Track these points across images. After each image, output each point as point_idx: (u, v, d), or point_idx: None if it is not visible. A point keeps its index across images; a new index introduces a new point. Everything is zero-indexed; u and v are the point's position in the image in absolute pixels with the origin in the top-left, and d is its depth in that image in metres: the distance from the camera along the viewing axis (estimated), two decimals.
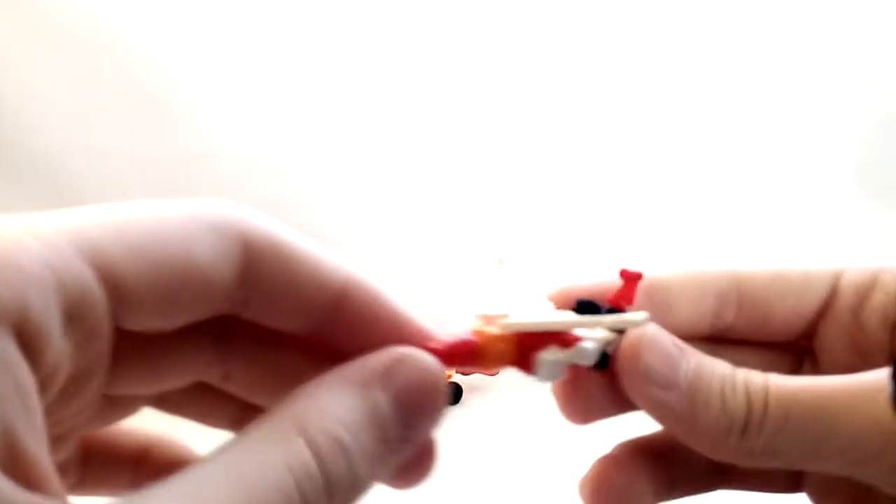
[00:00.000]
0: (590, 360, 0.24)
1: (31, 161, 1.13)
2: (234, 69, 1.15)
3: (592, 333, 0.24)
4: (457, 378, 0.91)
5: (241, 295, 0.20)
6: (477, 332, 0.25)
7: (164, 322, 0.19)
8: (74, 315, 0.17)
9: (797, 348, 0.28)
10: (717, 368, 0.23)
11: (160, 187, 1.15)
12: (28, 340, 0.15)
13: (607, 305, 0.24)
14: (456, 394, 0.89)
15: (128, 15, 1.12)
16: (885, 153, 1.18)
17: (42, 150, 1.12)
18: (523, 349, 0.24)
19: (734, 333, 0.27)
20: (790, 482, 0.28)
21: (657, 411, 0.24)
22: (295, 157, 1.16)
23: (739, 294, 0.27)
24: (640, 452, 0.27)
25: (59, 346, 0.16)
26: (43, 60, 1.12)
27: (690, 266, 0.27)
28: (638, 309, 0.24)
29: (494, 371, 0.90)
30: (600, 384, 0.25)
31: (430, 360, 0.22)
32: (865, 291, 0.26)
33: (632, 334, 0.24)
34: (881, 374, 0.22)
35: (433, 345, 0.24)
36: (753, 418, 0.22)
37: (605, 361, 0.24)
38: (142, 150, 1.14)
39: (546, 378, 0.24)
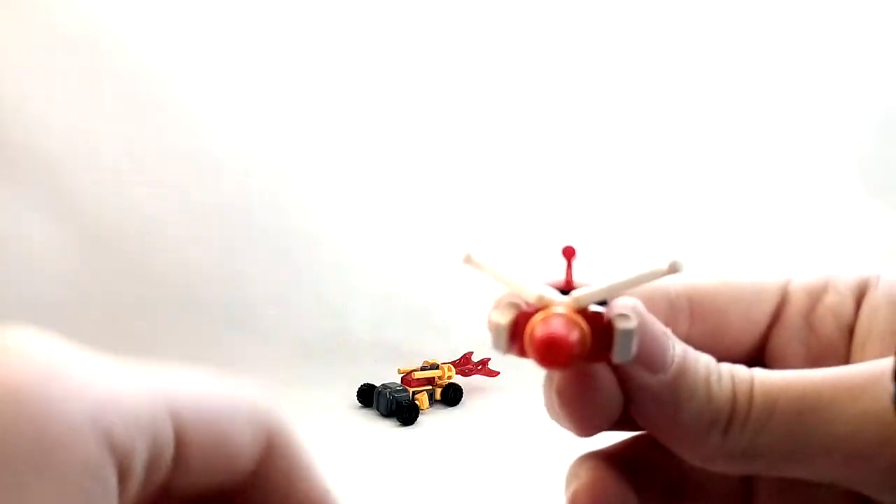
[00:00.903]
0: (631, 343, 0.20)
1: (29, 160, 1.12)
2: (232, 70, 1.14)
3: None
4: (457, 380, 0.90)
5: (246, 487, 0.20)
6: (560, 318, 0.19)
7: (189, 490, 0.19)
8: (150, 468, 0.17)
9: (752, 364, 0.26)
10: (702, 357, 0.22)
11: (157, 186, 1.15)
12: (121, 484, 0.16)
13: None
14: (457, 395, 0.88)
15: (126, 16, 1.11)
16: (887, 152, 1.17)
17: (40, 150, 1.12)
18: (593, 328, 0.20)
19: (691, 344, 0.25)
20: None
21: (640, 398, 0.21)
22: (292, 157, 1.16)
23: (691, 301, 0.25)
24: (617, 463, 0.25)
25: (134, 493, 0.17)
26: (41, 61, 1.11)
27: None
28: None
29: (496, 372, 0.88)
30: (611, 381, 0.22)
31: None
32: (817, 293, 0.25)
33: (621, 309, 0.21)
34: (875, 367, 0.21)
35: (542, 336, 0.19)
36: (738, 411, 0.21)
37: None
38: (139, 150, 1.14)
39: (624, 355, 0.20)
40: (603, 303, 0.20)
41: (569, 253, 0.21)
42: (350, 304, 1.12)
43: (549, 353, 0.18)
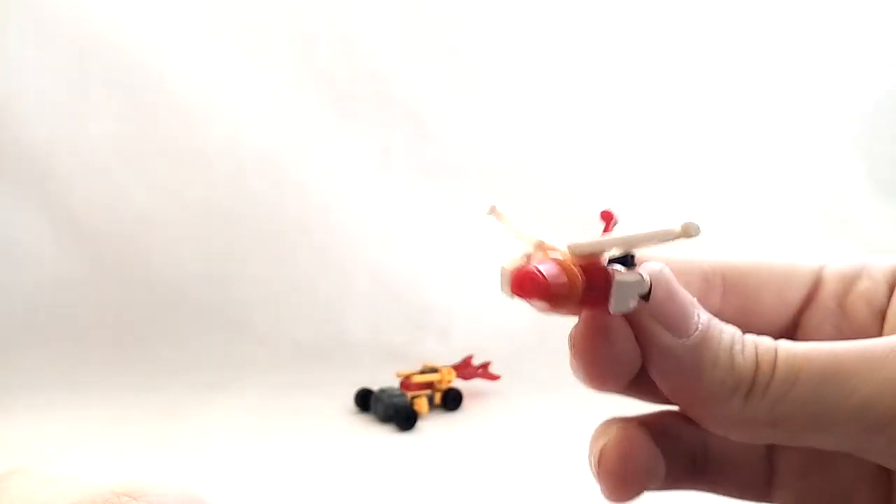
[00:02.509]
0: (644, 288, 0.21)
1: (21, 159, 1.11)
2: (227, 69, 1.13)
3: (626, 274, 0.21)
4: (457, 384, 0.89)
5: None
6: (557, 263, 0.20)
7: None
8: None
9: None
10: (727, 327, 0.22)
11: (152, 187, 1.14)
12: None
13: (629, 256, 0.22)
14: (456, 400, 0.87)
15: (118, 13, 1.11)
16: (895, 151, 1.17)
17: (32, 147, 1.11)
18: (590, 278, 0.21)
19: (722, 319, 0.26)
20: (763, 489, 0.27)
21: (661, 360, 0.22)
22: (288, 156, 1.15)
23: (724, 279, 0.26)
24: (648, 430, 0.25)
25: None
26: (33, 58, 1.10)
27: (671, 250, 0.25)
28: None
29: (496, 376, 0.88)
30: (626, 337, 0.22)
31: None
32: (851, 279, 0.26)
33: (649, 271, 0.22)
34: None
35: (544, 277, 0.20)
36: (760, 379, 0.21)
37: (648, 294, 0.22)
38: (131, 147, 1.13)
39: (621, 306, 0.21)
40: (631, 260, 0.21)
41: (607, 217, 0.21)
42: (348, 306, 1.11)
43: (521, 285, 0.20)
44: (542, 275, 0.20)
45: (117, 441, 0.74)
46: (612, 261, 0.21)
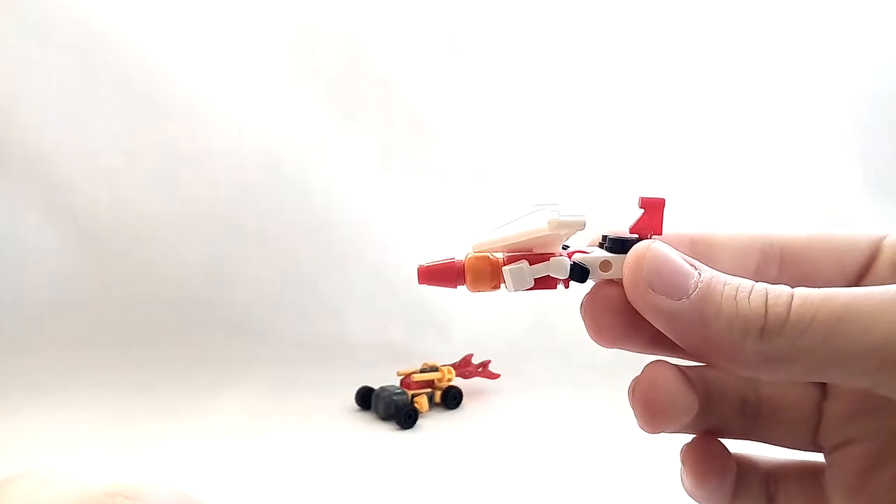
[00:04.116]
0: (563, 273, 0.25)
1: (23, 159, 1.11)
2: (227, 68, 1.14)
3: (589, 253, 0.26)
4: (457, 382, 0.89)
5: None
6: (469, 256, 0.27)
7: None
8: None
9: None
10: (733, 280, 0.23)
11: (153, 186, 1.14)
12: None
13: (634, 236, 0.25)
14: (456, 398, 0.87)
15: (121, 14, 1.11)
16: (892, 151, 1.17)
17: (35, 147, 1.11)
18: (499, 267, 0.26)
19: None
20: (810, 436, 0.28)
21: (666, 322, 0.24)
22: (289, 155, 1.15)
23: (783, 251, 0.27)
24: (688, 375, 0.27)
25: None
26: (36, 59, 1.11)
27: (732, 225, 0.28)
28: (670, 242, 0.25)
29: (497, 375, 0.88)
30: (623, 301, 0.25)
31: None
32: None
33: (636, 247, 0.24)
34: None
35: (424, 265, 0.27)
36: (773, 319, 0.22)
37: (584, 276, 0.26)
38: (134, 148, 1.13)
39: (513, 286, 0.25)
40: (628, 244, 0.25)
41: (655, 204, 0.25)
42: (348, 305, 1.11)
43: (420, 273, 0.27)
44: (426, 267, 0.27)
45: (118, 440, 0.74)
46: (607, 240, 0.26)
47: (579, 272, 0.26)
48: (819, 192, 1.17)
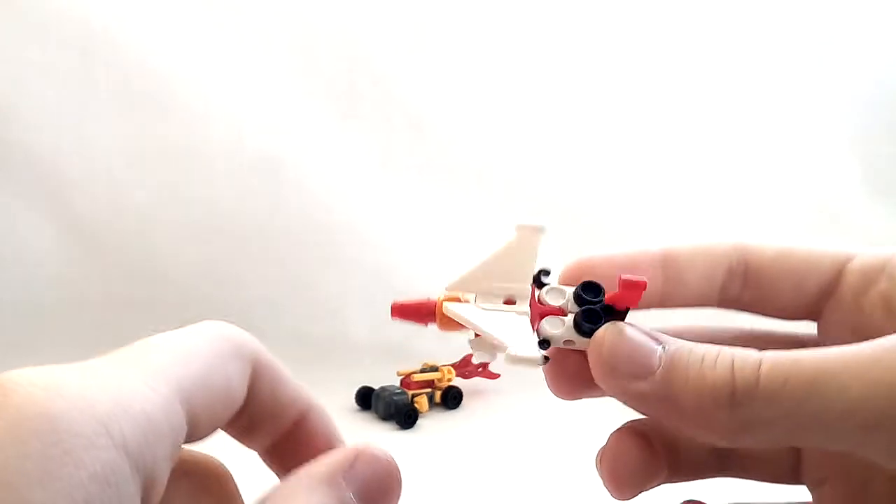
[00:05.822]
0: (491, 359, 0.26)
1: (25, 157, 1.11)
2: (227, 68, 1.14)
3: (553, 326, 0.25)
4: (457, 382, 0.89)
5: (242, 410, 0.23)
6: (442, 300, 0.28)
7: (199, 437, 0.22)
8: (174, 456, 0.20)
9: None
10: (698, 348, 0.23)
11: (153, 186, 1.14)
12: (148, 491, 0.18)
13: (601, 302, 0.25)
14: (456, 398, 0.87)
15: (121, 14, 1.11)
16: (891, 153, 1.17)
17: (35, 147, 1.11)
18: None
19: (741, 306, 0.28)
20: (790, 471, 0.28)
21: (639, 404, 0.23)
22: (288, 155, 1.15)
23: (748, 268, 0.27)
24: (650, 431, 0.27)
25: (161, 489, 0.19)
26: (35, 59, 1.11)
27: (701, 239, 0.27)
28: (649, 284, 0.24)
29: (496, 375, 0.88)
30: (583, 366, 0.24)
31: (381, 452, 0.24)
32: (873, 275, 0.26)
33: (598, 332, 0.24)
34: (887, 340, 0.21)
35: (398, 302, 0.28)
36: (743, 386, 0.21)
37: (546, 346, 0.25)
38: (134, 147, 1.13)
39: (481, 358, 0.26)
40: (594, 316, 0.25)
41: (634, 286, 0.24)
42: (348, 305, 1.11)
43: (393, 308, 0.28)
44: (398, 303, 0.28)
45: None
46: (584, 286, 0.25)
47: (543, 344, 0.25)
48: (819, 193, 1.17)
